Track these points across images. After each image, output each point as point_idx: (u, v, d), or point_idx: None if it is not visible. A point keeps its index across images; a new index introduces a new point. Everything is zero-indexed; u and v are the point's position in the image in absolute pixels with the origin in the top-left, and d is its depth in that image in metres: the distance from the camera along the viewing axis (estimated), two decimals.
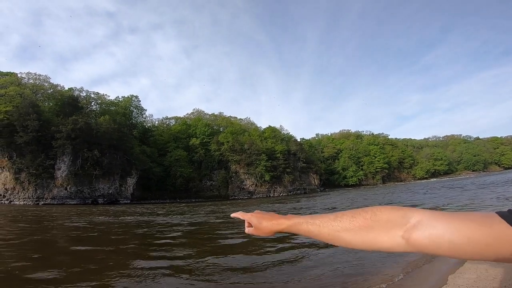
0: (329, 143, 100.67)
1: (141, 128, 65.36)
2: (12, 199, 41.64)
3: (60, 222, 15.57)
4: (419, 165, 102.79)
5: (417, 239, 0.57)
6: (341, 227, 0.66)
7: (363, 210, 0.66)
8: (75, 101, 49.48)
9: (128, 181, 50.12)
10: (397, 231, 0.60)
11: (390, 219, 0.61)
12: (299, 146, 79.63)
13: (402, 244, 0.60)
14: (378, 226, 0.62)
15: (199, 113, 79.79)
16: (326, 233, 0.69)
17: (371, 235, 0.62)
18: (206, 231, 12.12)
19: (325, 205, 21.20)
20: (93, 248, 7.94)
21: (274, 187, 69.16)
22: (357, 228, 0.64)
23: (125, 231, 12.18)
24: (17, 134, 40.37)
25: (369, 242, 0.63)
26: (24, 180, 42.03)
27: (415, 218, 0.59)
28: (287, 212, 17.35)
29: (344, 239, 0.66)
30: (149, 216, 19.40)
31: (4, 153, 42.21)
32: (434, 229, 0.55)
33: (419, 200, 20.05)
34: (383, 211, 0.63)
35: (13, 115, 40.70)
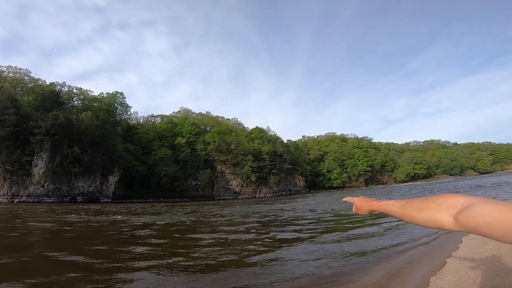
0: (315, 145, 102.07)
1: (125, 125, 63.87)
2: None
3: (21, 222, 14.89)
4: (400, 168, 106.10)
5: (462, 219, 0.75)
6: (412, 208, 0.92)
7: (429, 196, 0.90)
8: (56, 96, 47.70)
9: (110, 179, 48.86)
10: (450, 211, 0.80)
11: (446, 202, 0.82)
12: (285, 147, 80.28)
13: (452, 223, 0.79)
14: (436, 207, 0.84)
15: (186, 112, 78.89)
16: (402, 212, 0.95)
17: (431, 213, 0.84)
18: (180, 231, 12.02)
19: (305, 208, 21.53)
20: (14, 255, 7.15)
21: (260, 188, 69.41)
22: (423, 209, 0.87)
23: (88, 232, 11.85)
24: None
25: (430, 219, 0.85)
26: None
27: (467, 203, 0.77)
28: (270, 212, 17.64)
29: (414, 217, 0.91)
30: (125, 216, 18.91)
31: None
32: (477, 211, 0.71)
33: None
34: (442, 197, 0.85)
35: None
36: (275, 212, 20.44)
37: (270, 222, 14.42)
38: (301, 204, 28.09)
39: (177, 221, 15.57)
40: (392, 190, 50.00)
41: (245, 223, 13.90)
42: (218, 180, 66.81)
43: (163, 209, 26.35)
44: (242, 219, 15.66)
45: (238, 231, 11.32)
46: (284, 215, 17.95)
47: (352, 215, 15.03)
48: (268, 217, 16.86)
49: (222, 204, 35.76)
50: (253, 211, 21.60)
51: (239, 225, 13.03)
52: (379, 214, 4.77)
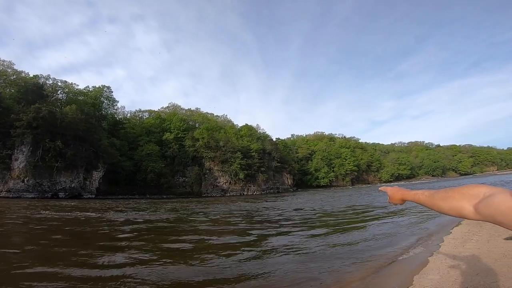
0: (304, 144, 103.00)
1: (112, 120, 62.28)
2: None
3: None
4: (385, 168, 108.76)
5: (481, 208, 0.79)
6: (438, 197, 0.97)
7: (454, 187, 0.94)
8: (39, 89, 45.93)
9: (94, 175, 47.58)
10: (471, 201, 0.83)
11: (468, 192, 0.86)
12: (274, 145, 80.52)
13: (472, 212, 0.83)
14: (460, 197, 0.88)
15: (175, 107, 77.71)
16: (430, 202, 1.00)
17: (454, 202, 0.89)
18: (154, 230, 11.57)
19: (292, 207, 21.65)
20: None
21: (248, 185, 69.43)
22: (447, 198, 0.92)
23: (55, 229, 11.34)
24: None
25: (454, 208, 0.89)
26: None
27: (488, 192, 0.81)
28: (258, 211, 17.56)
29: (439, 205, 0.96)
30: (103, 212, 18.31)
31: None
32: (494, 201, 0.75)
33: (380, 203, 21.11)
34: (466, 187, 0.89)
35: None
36: (265, 210, 20.48)
37: (255, 222, 14.39)
38: (287, 203, 28.26)
39: (151, 219, 14.98)
40: (377, 189, 51.06)
41: (229, 223, 13.77)
42: (206, 177, 66.33)
43: (143, 206, 25.75)
44: (224, 219, 15.49)
45: (214, 231, 11.08)
46: (271, 213, 18.00)
47: (339, 216, 15.28)
48: (251, 216, 16.84)
49: (209, 201, 35.38)
50: (238, 210, 21.55)
51: (220, 225, 12.83)
52: (357, 218, 4.72)
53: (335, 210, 18.56)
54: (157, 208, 22.75)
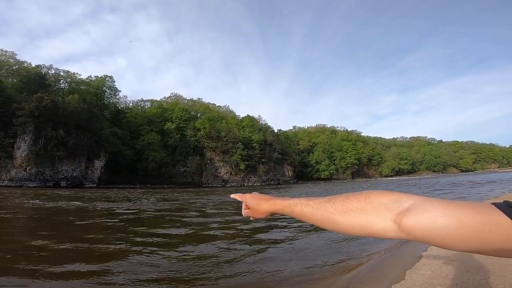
0: (305, 136, 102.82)
1: (114, 109, 62.29)
2: None
3: None
4: (386, 163, 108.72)
5: (408, 224, 0.54)
6: (335, 208, 0.64)
7: (356, 193, 0.64)
8: (42, 79, 45.92)
9: (96, 164, 47.96)
10: (389, 214, 0.58)
11: (383, 202, 0.59)
12: (275, 137, 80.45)
13: (394, 229, 0.57)
14: (371, 208, 0.60)
15: (177, 97, 77.44)
16: (320, 216, 0.67)
17: (363, 217, 0.60)
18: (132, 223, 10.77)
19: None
20: None
21: (249, 176, 69.80)
22: (350, 210, 0.62)
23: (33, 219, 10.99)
24: None
25: (361, 225, 0.61)
26: None
27: (408, 202, 0.57)
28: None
29: (337, 222, 0.64)
30: (93, 202, 17.84)
31: None
32: (427, 213, 0.52)
33: None
34: (377, 194, 0.61)
35: None
36: None
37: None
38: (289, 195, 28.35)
39: (140, 209, 14.47)
40: (378, 183, 51.37)
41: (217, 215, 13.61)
42: (207, 167, 66.68)
43: (137, 195, 25.40)
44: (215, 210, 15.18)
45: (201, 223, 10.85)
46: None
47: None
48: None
49: (208, 192, 35.37)
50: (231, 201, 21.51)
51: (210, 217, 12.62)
52: None
53: None
54: (147, 198, 22.41)
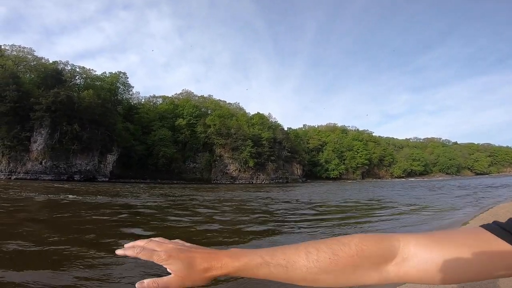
0: (315, 134, 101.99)
1: (126, 105, 63.42)
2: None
3: None
4: (397, 164, 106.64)
5: (407, 272, 0.49)
6: (319, 268, 0.49)
7: (343, 243, 0.51)
8: (58, 74, 47.18)
9: (108, 158, 49.15)
10: (387, 266, 0.50)
11: (379, 253, 0.50)
12: (285, 135, 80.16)
13: (390, 278, 0.50)
14: (367, 263, 0.49)
15: (188, 94, 77.99)
16: (299, 277, 0.50)
17: (358, 273, 0.50)
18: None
19: (303, 197, 21.39)
20: None
21: (257, 174, 70.01)
22: (341, 268, 0.49)
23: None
24: None
25: (355, 280, 0.50)
26: None
27: (405, 249, 0.49)
28: (267, 202, 18.37)
29: (325, 282, 0.50)
30: (88, 196, 18.01)
31: None
32: (425, 260, 0.47)
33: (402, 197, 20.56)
34: (370, 245, 0.50)
35: None
36: (270, 203, 20.49)
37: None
38: (301, 195, 28.20)
39: (136, 204, 14.69)
40: (388, 185, 50.51)
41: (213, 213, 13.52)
42: (216, 163, 67.23)
43: (132, 190, 25.93)
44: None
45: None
46: (279, 207, 18.03)
47: (344, 211, 15.17)
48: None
49: (215, 189, 35.44)
50: (254, 197, 21.59)
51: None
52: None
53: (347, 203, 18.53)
54: (151, 193, 22.69)
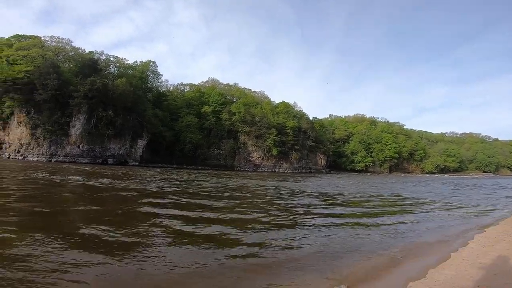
0: (342, 125, 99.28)
1: (156, 92, 65.87)
2: (26, 154, 43.56)
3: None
4: (429, 159, 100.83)
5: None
6: None
7: None
8: (94, 64, 50.07)
9: (139, 143, 51.74)
10: None
11: None
12: (310, 124, 79.00)
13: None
14: None
15: (214, 82, 79.09)
16: None
17: None
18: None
19: (329, 187, 21.14)
20: None
21: (280, 162, 70.15)
22: None
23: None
24: (37, 91, 41.82)
25: None
26: (39, 136, 43.76)
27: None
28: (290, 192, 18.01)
29: None
30: (108, 179, 18.75)
31: (22, 108, 43.94)
32: None
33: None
34: None
35: (34, 74, 42.26)
36: (293, 196, 20.57)
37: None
38: (327, 185, 28.04)
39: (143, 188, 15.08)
40: (421, 180, 48.22)
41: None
42: (240, 151, 68.20)
43: (149, 174, 27.04)
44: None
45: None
46: (303, 200, 17.99)
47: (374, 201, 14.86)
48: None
49: (235, 176, 36.19)
50: (275, 186, 21.89)
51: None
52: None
53: (380, 195, 18.16)
54: (170, 177, 23.86)
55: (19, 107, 44.00)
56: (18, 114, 44.35)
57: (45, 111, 43.08)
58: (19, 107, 44.02)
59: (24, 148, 44.09)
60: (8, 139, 45.14)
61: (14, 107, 44.11)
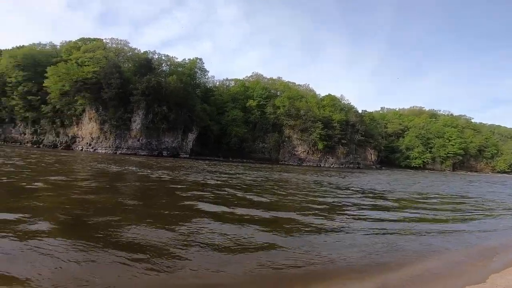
0: (395, 118, 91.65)
1: (203, 88, 68.86)
2: (96, 147, 49.58)
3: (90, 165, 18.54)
4: (503, 156, 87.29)
5: None
6: None
7: None
8: (149, 63, 54.26)
9: (189, 136, 55.01)
10: None
11: None
12: (359, 117, 75.07)
13: None
14: None
15: (258, 76, 79.56)
16: None
17: None
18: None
19: (380, 184, 19.04)
20: None
21: (326, 157, 68.38)
22: None
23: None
24: (103, 90, 47.05)
25: None
26: (106, 130, 49.38)
27: None
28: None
29: None
30: (167, 171, 20.28)
31: (92, 106, 49.78)
32: None
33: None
34: None
35: (100, 74, 47.46)
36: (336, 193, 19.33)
37: None
38: (377, 183, 26.04)
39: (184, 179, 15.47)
40: (494, 181, 41.99)
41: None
42: (285, 144, 68.06)
43: (192, 166, 27.89)
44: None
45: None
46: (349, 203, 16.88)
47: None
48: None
49: (280, 170, 35.25)
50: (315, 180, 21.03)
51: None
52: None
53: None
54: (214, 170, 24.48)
55: (89, 105, 49.94)
56: (89, 111, 50.44)
57: (110, 108, 48.32)
58: (89, 105, 49.97)
59: (94, 142, 50.31)
60: (81, 134, 51.87)
61: (85, 105, 50.19)
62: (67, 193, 9.04)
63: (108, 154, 44.53)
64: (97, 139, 50.11)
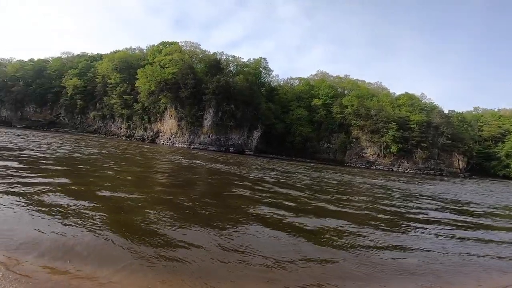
0: (493, 120, 76.47)
1: (268, 87, 70.34)
2: (174, 142, 55.49)
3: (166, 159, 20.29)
4: None
5: None
6: None
7: None
8: (218, 63, 58.38)
9: (254, 134, 56.80)
10: None
11: None
12: (444, 118, 65.42)
13: None
14: None
15: (323, 74, 77.08)
16: None
17: None
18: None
19: (469, 196, 15.42)
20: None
21: (401, 161, 61.79)
22: None
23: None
24: (180, 90, 52.45)
25: None
26: (183, 127, 54.77)
27: None
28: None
29: None
30: (236, 167, 21.44)
31: (172, 104, 55.89)
32: None
33: None
34: None
35: (177, 75, 53.06)
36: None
37: None
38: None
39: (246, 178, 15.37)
40: None
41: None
42: (352, 146, 64.09)
43: (266, 165, 27.98)
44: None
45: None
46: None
47: None
48: None
49: (349, 172, 33.37)
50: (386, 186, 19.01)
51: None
52: None
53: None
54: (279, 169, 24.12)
55: (170, 103, 56.21)
56: (170, 109, 56.80)
57: (186, 106, 53.63)
58: (170, 103, 56.25)
59: (173, 137, 56.54)
60: (163, 129, 58.80)
61: (167, 103, 56.64)
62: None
63: (184, 148, 49.31)
64: (175, 134, 56.11)
